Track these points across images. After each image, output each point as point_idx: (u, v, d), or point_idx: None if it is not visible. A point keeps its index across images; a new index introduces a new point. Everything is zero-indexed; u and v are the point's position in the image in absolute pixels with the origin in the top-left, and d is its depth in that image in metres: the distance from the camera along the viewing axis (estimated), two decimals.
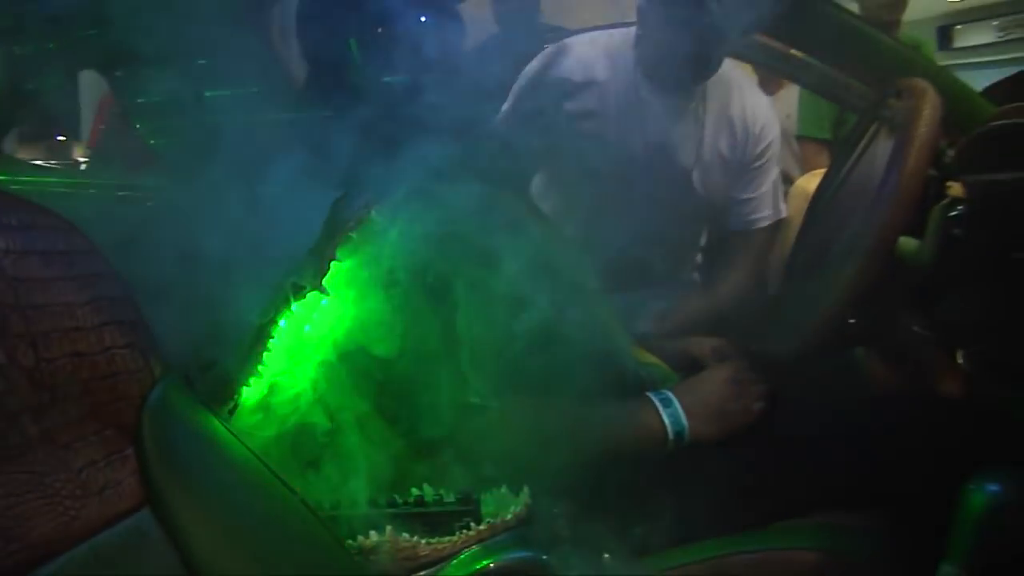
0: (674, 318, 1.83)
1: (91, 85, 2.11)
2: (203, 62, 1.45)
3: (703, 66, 1.76)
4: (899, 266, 1.15)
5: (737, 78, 1.92)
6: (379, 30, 1.29)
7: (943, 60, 6.97)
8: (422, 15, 1.32)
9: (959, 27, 7.64)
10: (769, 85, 3.21)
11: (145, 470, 0.74)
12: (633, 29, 1.84)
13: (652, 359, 1.45)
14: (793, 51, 1.90)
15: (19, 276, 0.69)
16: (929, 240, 1.19)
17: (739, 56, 1.82)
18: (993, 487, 0.94)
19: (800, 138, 2.88)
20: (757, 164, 1.92)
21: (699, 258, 2.15)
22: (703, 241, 2.14)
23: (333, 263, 0.90)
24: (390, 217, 0.96)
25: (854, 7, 2.96)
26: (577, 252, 1.48)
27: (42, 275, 0.71)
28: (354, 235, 0.91)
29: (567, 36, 2.13)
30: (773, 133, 1.93)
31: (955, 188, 1.09)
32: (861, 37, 1.44)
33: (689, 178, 1.89)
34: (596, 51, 1.88)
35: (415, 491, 0.97)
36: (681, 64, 1.70)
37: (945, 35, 7.59)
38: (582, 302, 1.33)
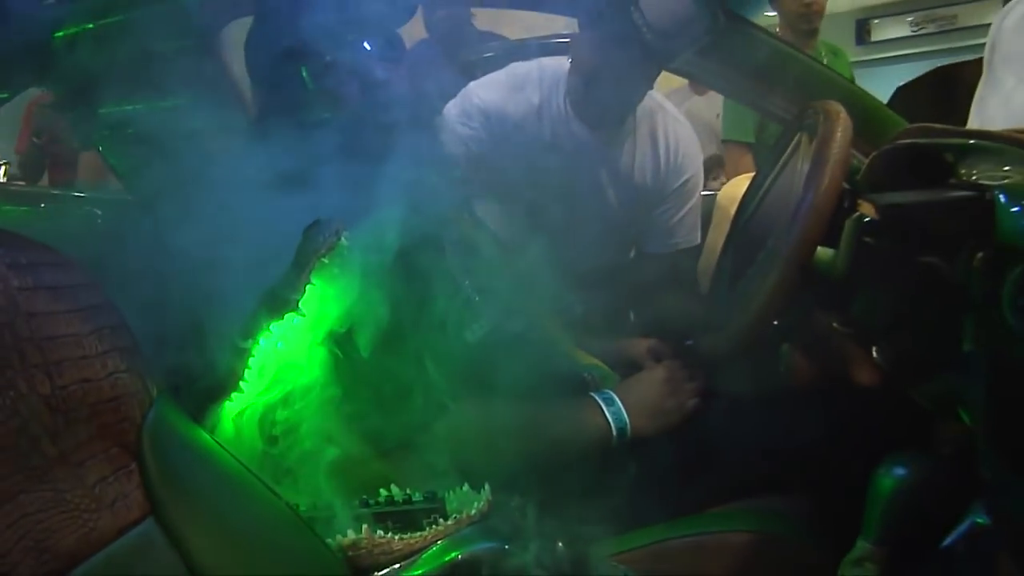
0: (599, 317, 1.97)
1: None
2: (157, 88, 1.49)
3: (631, 96, 1.85)
4: (817, 272, 1.27)
5: (664, 107, 2.01)
6: (327, 60, 1.34)
7: (861, 54, 7.25)
8: (366, 42, 1.37)
9: (876, 21, 7.94)
10: (698, 85, 3.34)
11: (147, 483, 0.81)
12: (564, 60, 1.92)
13: (592, 360, 1.56)
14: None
15: (33, 311, 0.76)
16: (843, 249, 1.32)
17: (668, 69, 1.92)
18: (900, 470, 1.06)
19: (725, 141, 3.00)
20: (678, 192, 2.02)
21: None
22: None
23: (308, 286, 0.98)
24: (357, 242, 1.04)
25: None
26: (522, 267, 1.56)
27: (52, 309, 0.78)
28: (327, 260, 0.99)
29: (494, 40, 2.21)
30: (695, 165, 2.04)
31: (865, 206, 1.22)
32: (786, 61, 1.56)
33: (616, 205, 1.99)
34: (528, 82, 1.95)
35: (384, 492, 1.06)
36: (610, 94, 1.79)
37: (863, 29, 7.89)
38: (529, 311, 1.43)
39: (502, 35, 2.88)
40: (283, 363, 1.05)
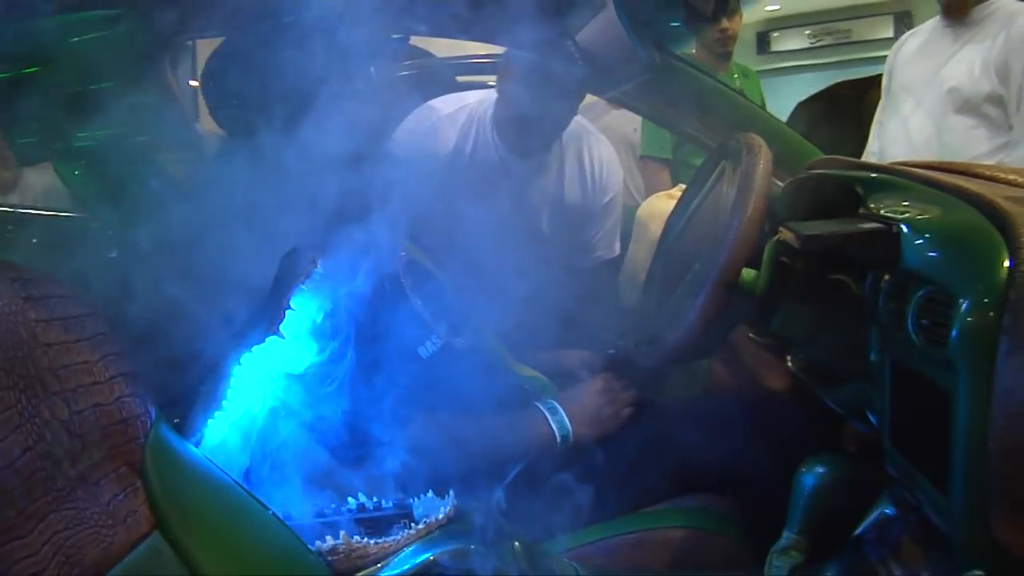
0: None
1: None
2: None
3: (558, 125, 1.96)
4: (741, 289, 1.39)
5: (588, 129, 2.13)
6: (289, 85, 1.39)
7: (762, 64, 7.57)
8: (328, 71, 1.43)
9: (775, 34, 8.30)
10: None
11: (151, 499, 0.88)
12: (489, 92, 2.01)
13: (531, 372, 1.66)
14: None
15: (49, 342, 0.82)
16: (764, 269, 1.46)
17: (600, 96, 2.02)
18: (820, 469, 1.19)
19: (643, 157, 3.14)
20: (604, 209, 2.15)
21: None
22: None
23: (287, 311, 1.06)
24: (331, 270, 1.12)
25: None
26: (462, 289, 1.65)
27: (64, 339, 0.84)
28: (304, 287, 1.07)
29: (424, 56, 2.27)
30: (618, 183, 2.17)
31: (785, 233, 1.35)
32: (713, 95, 1.69)
33: (547, 228, 2.10)
34: (458, 112, 2.04)
35: (353, 500, 1.14)
36: (538, 125, 1.89)
37: (763, 40, 8.24)
38: (472, 329, 1.53)
39: (430, 52, 2.94)
40: (260, 383, 1.12)
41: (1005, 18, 2.37)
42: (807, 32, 8.30)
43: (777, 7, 8.01)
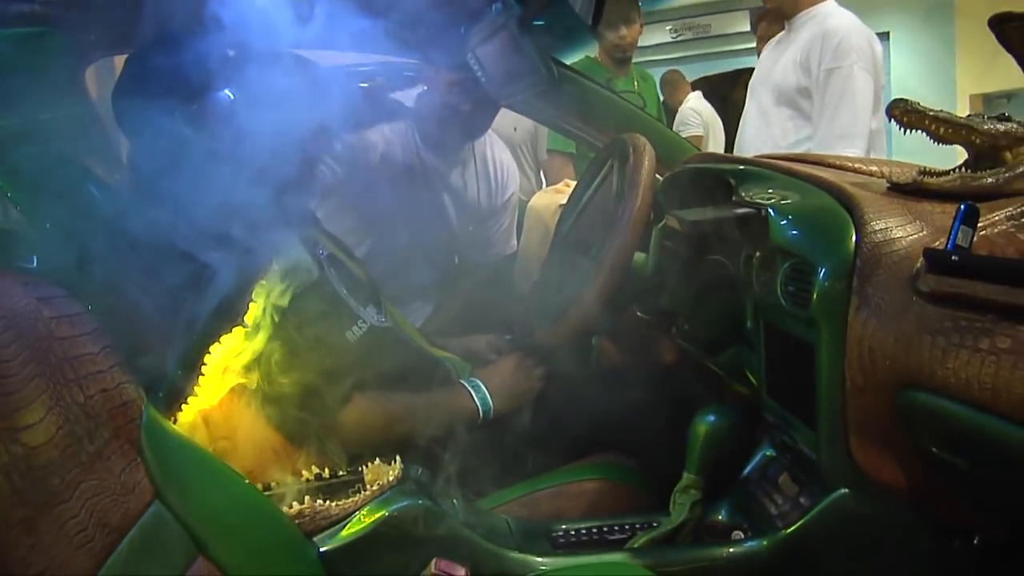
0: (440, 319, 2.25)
1: None
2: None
3: (471, 131, 2.12)
4: (632, 272, 1.59)
5: (488, 134, 2.28)
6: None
7: None
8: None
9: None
10: None
11: (149, 472, 1.00)
12: (413, 95, 2.16)
13: (446, 353, 1.82)
14: None
15: (62, 336, 0.93)
16: (651, 253, 1.66)
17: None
18: (710, 417, 1.40)
19: (549, 151, 3.35)
20: (503, 207, 2.33)
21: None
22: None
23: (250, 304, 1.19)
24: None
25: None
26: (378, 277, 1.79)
27: (72, 333, 0.95)
28: (263, 283, 1.20)
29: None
30: (515, 182, 2.36)
31: (670, 220, 1.56)
32: (602, 101, 1.89)
33: (454, 221, 2.26)
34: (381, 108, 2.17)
35: (315, 470, 1.28)
36: (451, 129, 2.05)
37: None
38: (395, 316, 1.68)
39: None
40: (221, 368, 1.24)
41: (819, 20, 2.71)
42: (668, 27, 8.76)
43: (640, 3, 8.39)
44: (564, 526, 1.39)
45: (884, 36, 8.57)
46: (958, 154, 1.26)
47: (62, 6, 1.67)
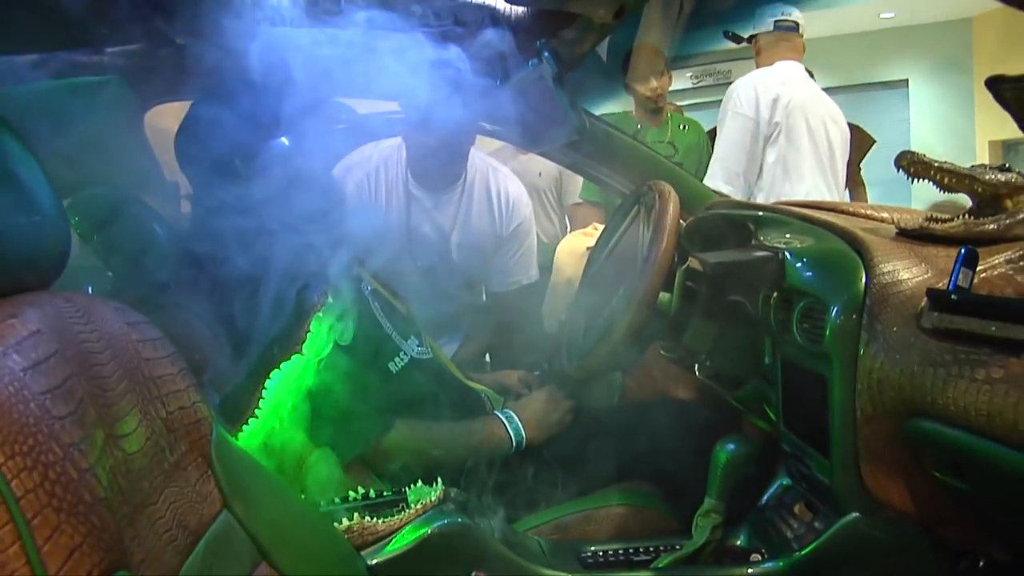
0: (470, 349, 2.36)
1: None
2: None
3: (454, 166, 2.28)
4: (657, 311, 1.69)
5: (495, 167, 2.44)
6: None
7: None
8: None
9: None
10: None
11: (219, 484, 1.10)
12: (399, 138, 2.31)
13: (481, 386, 1.93)
14: None
15: (147, 357, 1.04)
16: (676, 293, 1.76)
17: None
18: (731, 446, 1.49)
19: (581, 200, 3.50)
20: (513, 236, 2.45)
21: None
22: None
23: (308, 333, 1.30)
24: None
25: None
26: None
27: (155, 355, 1.06)
28: (320, 314, 1.31)
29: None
30: (525, 213, 2.47)
31: (693, 262, 1.66)
32: (628, 149, 2.02)
33: (456, 253, 2.38)
34: (374, 155, 2.33)
35: (361, 490, 1.38)
36: (437, 164, 2.21)
37: None
38: (434, 349, 1.79)
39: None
40: (278, 396, 1.35)
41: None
42: (689, 74, 8.93)
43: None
44: (592, 548, 1.49)
45: (903, 83, 8.72)
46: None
47: (125, 56, 1.82)
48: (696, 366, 1.84)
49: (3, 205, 0.83)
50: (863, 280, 1.26)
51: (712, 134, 3.93)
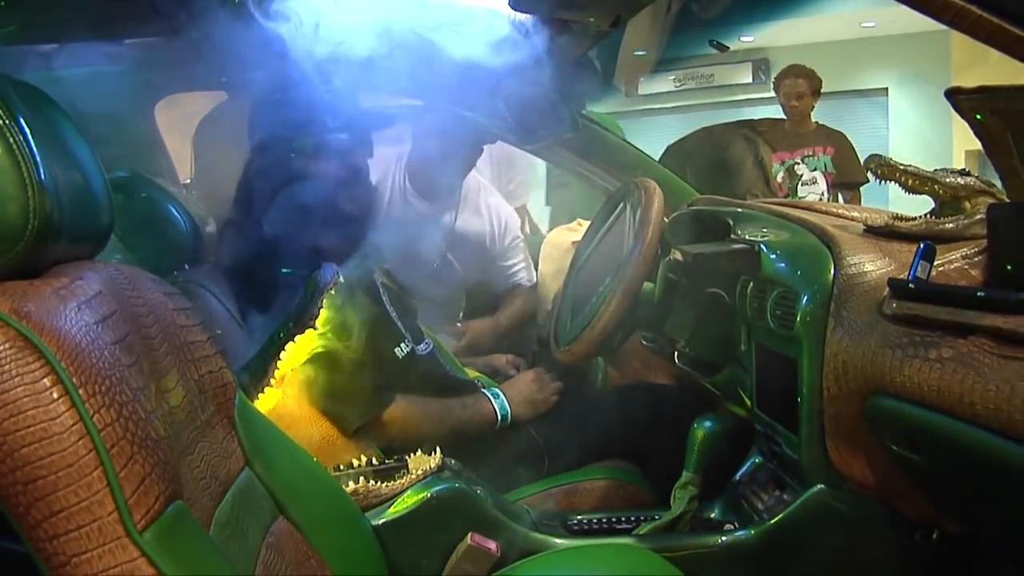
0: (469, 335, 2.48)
1: None
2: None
3: (456, 174, 2.40)
4: (640, 300, 1.80)
5: (487, 186, 2.61)
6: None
7: (631, 105, 8.16)
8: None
9: (642, 78, 8.99)
10: None
11: (240, 444, 1.20)
12: (402, 146, 2.44)
13: (475, 372, 2.04)
14: None
15: (182, 324, 1.14)
16: (658, 283, 1.87)
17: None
18: (707, 423, 1.60)
19: None
20: (510, 248, 2.62)
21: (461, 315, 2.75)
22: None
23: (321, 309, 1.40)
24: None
25: None
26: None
27: (188, 323, 1.16)
28: (332, 292, 1.41)
29: None
30: (516, 225, 2.67)
31: (676, 253, 1.77)
32: (616, 147, 2.13)
33: (447, 259, 2.51)
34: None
35: (364, 458, 1.48)
36: (440, 173, 2.32)
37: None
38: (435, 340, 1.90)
39: None
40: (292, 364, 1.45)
41: None
42: (671, 77, 9.06)
43: (643, 52, 8.68)
44: (578, 516, 1.60)
45: (883, 92, 8.88)
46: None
47: (140, 48, 1.92)
48: (676, 354, 1.96)
49: (66, 182, 0.92)
50: (832, 271, 1.37)
51: (694, 137, 4.07)
